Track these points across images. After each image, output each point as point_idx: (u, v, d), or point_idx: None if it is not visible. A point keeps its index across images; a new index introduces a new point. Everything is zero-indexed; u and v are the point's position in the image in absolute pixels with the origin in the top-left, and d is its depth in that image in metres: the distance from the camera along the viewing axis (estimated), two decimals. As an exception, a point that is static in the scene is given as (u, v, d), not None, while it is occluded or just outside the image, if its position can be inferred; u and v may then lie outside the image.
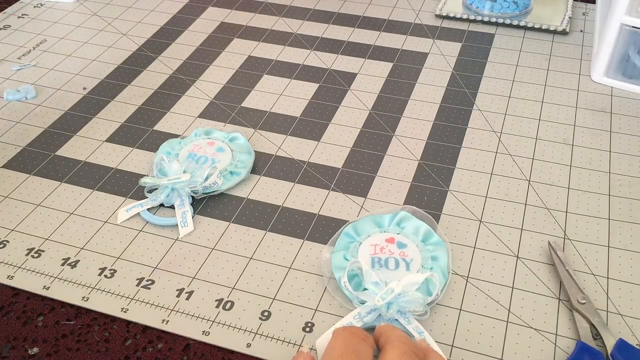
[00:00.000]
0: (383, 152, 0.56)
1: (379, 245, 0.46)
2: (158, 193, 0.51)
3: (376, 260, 0.45)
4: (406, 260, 0.45)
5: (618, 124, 0.58)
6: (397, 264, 0.44)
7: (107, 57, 0.70)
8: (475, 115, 0.60)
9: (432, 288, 0.43)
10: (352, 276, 0.44)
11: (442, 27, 0.73)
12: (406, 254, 0.45)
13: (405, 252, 0.45)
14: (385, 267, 0.44)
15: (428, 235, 0.46)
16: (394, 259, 0.45)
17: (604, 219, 0.49)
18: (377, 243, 0.46)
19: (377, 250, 0.45)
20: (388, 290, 0.41)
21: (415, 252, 0.45)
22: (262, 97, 0.63)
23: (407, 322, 0.41)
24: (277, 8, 0.78)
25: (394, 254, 0.45)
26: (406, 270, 0.44)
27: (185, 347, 0.42)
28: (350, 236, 0.47)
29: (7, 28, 0.76)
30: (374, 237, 0.46)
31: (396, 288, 0.40)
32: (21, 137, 0.59)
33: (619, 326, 0.42)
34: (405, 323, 0.41)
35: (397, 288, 0.40)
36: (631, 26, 0.59)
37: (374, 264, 0.45)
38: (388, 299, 0.40)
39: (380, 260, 0.45)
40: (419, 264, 0.44)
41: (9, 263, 0.47)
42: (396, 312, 0.41)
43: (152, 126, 0.60)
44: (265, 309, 0.43)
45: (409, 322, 0.41)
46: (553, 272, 0.45)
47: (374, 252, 0.45)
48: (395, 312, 0.41)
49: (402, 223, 0.47)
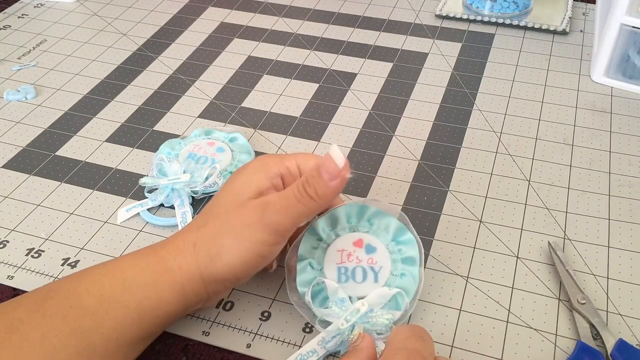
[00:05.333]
0: (383, 152, 0.56)
1: (346, 251, 0.42)
2: (158, 193, 0.51)
3: (342, 272, 0.41)
4: (374, 269, 0.41)
5: (618, 124, 0.58)
6: (364, 274, 0.41)
7: (107, 57, 0.70)
8: (475, 115, 0.60)
9: (402, 301, 0.40)
10: (318, 291, 0.41)
11: (442, 27, 0.73)
12: (374, 260, 0.42)
13: (373, 259, 0.42)
14: (352, 279, 0.41)
15: (399, 233, 0.43)
16: (361, 269, 0.42)
17: (604, 219, 0.49)
18: (344, 248, 0.42)
19: (344, 258, 0.42)
20: (353, 311, 0.38)
21: (384, 257, 0.42)
22: (262, 97, 0.63)
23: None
24: (277, 8, 0.78)
25: (362, 262, 0.42)
26: (374, 282, 0.41)
27: (184, 348, 0.42)
28: (315, 233, 0.43)
29: (7, 28, 0.76)
30: (341, 239, 0.43)
31: (362, 308, 0.38)
32: (21, 137, 0.59)
33: (619, 326, 0.42)
34: None
35: (363, 308, 0.38)
36: (631, 26, 0.59)
37: (340, 276, 0.41)
38: (353, 320, 0.38)
39: (347, 272, 0.41)
40: (388, 271, 0.41)
41: (9, 263, 0.47)
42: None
43: (152, 126, 0.60)
44: (265, 309, 0.43)
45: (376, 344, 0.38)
46: (553, 272, 0.45)
47: (340, 261, 0.42)
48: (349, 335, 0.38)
49: (372, 219, 0.43)
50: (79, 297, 0.36)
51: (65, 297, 0.36)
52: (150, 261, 0.39)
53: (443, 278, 0.45)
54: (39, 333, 0.34)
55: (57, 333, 0.34)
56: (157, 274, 0.38)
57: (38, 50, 0.71)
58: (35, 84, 0.66)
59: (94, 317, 0.35)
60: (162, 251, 0.39)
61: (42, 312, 0.35)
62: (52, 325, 0.35)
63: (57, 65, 0.69)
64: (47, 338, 0.34)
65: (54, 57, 0.70)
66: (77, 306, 0.36)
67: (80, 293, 0.36)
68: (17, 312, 0.35)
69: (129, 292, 0.37)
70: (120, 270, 0.38)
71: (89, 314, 0.35)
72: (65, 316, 0.35)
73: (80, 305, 0.36)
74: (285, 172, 0.41)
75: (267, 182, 0.40)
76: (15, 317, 0.35)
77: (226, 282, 0.39)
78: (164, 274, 0.38)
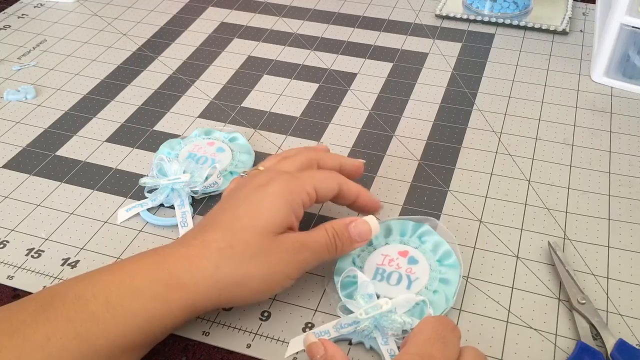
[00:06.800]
0: (383, 152, 0.56)
1: (389, 257, 0.44)
2: (158, 193, 0.51)
3: (379, 272, 0.43)
4: (410, 277, 0.43)
5: (618, 124, 0.58)
6: (399, 279, 0.43)
7: (107, 57, 0.70)
8: (475, 115, 0.60)
9: (426, 310, 0.41)
10: (350, 283, 0.43)
11: (442, 27, 0.73)
12: (413, 271, 0.43)
13: (413, 269, 0.43)
14: (387, 280, 0.43)
15: (446, 256, 0.44)
16: (397, 274, 0.43)
17: (604, 219, 0.49)
18: (388, 254, 0.44)
19: (385, 262, 0.44)
20: (376, 305, 0.39)
21: (424, 271, 0.43)
22: (262, 97, 0.63)
23: (384, 342, 0.39)
24: (277, 8, 0.78)
25: (401, 268, 0.43)
26: (406, 289, 0.42)
27: (184, 348, 0.42)
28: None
29: (7, 28, 0.76)
30: (389, 247, 0.45)
31: (385, 305, 0.39)
32: (21, 137, 0.59)
33: (619, 326, 0.42)
34: (382, 343, 0.39)
35: (386, 305, 0.39)
36: (631, 26, 0.59)
37: (376, 275, 0.43)
38: (372, 314, 0.39)
39: (384, 273, 0.43)
40: (423, 284, 0.42)
41: (9, 263, 0.47)
42: (375, 329, 0.39)
43: (152, 126, 0.60)
44: (265, 309, 0.43)
45: (386, 342, 0.39)
46: (553, 272, 0.45)
47: (381, 263, 0.44)
48: (373, 328, 0.39)
49: (424, 237, 0.45)
50: (85, 302, 0.36)
51: (71, 302, 0.36)
52: (160, 274, 0.38)
53: (443, 278, 0.45)
54: (42, 335, 0.34)
55: (61, 336, 0.34)
56: (167, 288, 0.37)
57: (38, 50, 0.71)
58: (35, 84, 0.66)
59: (100, 322, 0.35)
60: (174, 263, 0.38)
61: (46, 315, 0.35)
62: (57, 328, 0.34)
63: (57, 65, 0.69)
64: (50, 340, 0.34)
65: (54, 57, 0.70)
66: (83, 310, 0.35)
67: (86, 298, 0.36)
68: (22, 315, 0.35)
69: (136, 300, 0.37)
70: (129, 277, 0.38)
71: (95, 319, 0.35)
72: (70, 320, 0.35)
73: (86, 309, 0.36)
74: (305, 199, 0.41)
75: (292, 216, 0.41)
76: (20, 319, 0.35)
77: (244, 303, 0.41)
78: (175, 289, 0.37)
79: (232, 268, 0.38)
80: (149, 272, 0.38)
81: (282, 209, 0.40)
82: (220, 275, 0.38)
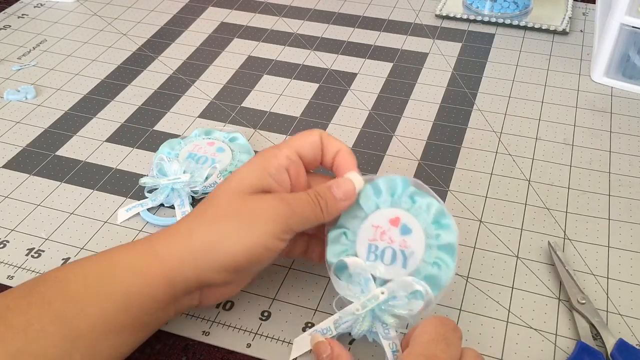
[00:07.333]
0: (383, 152, 0.56)
1: (381, 228, 0.40)
2: (158, 193, 0.51)
3: (372, 250, 0.40)
4: (405, 253, 0.39)
5: (618, 124, 0.58)
6: (394, 257, 0.39)
7: (107, 57, 0.70)
8: (475, 115, 0.60)
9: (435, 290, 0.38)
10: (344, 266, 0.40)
11: (442, 27, 0.73)
12: (408, 244, 0.40)
13: (407, 241, 0.40)
14: (381, 259, 0.40)
15: (440, 216, 0.40)
16: (391, 250, 0.40)
17: (604, 219, 0.49)
18: (380, 224, 0.40)
19: (377, 236, 0.40)
20: (372, 297, 0.38)
21: (419, 241, 0.40)
22: (262, 97, 0.63)
23: (385, 334, 0.38)
24: (277, 8, 0.78)
25: (394, 242, 0.40)
26: (402, 268, 0.39)
27: (184, 348, 0.42)
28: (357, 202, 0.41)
29: (7, 28, 0.76)
30: (379, 213, 0.41)
31: (381, 296, 0.37)
32: (21, 137, 0.59)
33: (619, 326, 0.42)
34: (383, 336, 0.38)
35: (382, 296, 0.37)
36: (631, 26, 0.59)
37: (369, 254, 0.40)
38: (370, 306, 0.38)
39: (377, 250, 0.40)
40: (419, 258, 0.39)
41: (9, 263, 0.47)
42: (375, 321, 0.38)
43: (152, 126, 0.60)
44: (265, 309, 0.43)
45: (387, 334, 0.38)
46: (553, 272, 0.45)
47: (372, 237, 0.40)
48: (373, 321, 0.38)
49: (415, 196, 0.41)
50: (66, 284, 0.36)
51: (52, 284, 0.36)
52: (139, 247, 0.38)
53: (443, 278, 0.45)
54: (23, 319, 0.34)
55: (41, 319, 0.34)
56: (144, 259, 0.38)
57: (38, 50, 0.71)
58: (35, 84, 0.66)
59: (79, 303, 0.35)
60: (153, 238, 0.39)
61: (28, 300, 0.35)
62: (37, 312, 0.35)
63: (57, 65, 0.69)
64: (31, 324, 0.34)
65: (54, 57, 0.70)
66: (63, 292, 0.36)
67: (67, 280, 0.36)
68: (6, 300, 0.35)
69: (115, 277, 0.37)
70: (109, 257, 0.38)
71: (74, 300, 0.35)
72: (51, 302, 0.35)
73: (66, 291, 0.36)
74: (286, 162, 0.40)
75: (270, 181, 0.40)
76: (4, 304, 0.35)
77: (223, 271, 0.38)
78: (151, 258, 0.38)
79: (204, 231, 0.38)
80: (130, 249, 0.39)
81: (254, 170, 0.40)
82: (194, 240, 0.38)
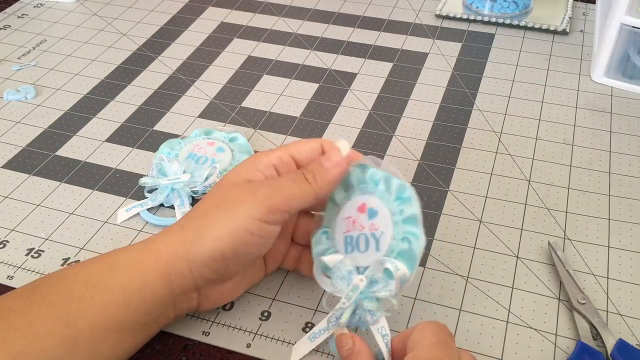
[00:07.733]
0: (383, 152, 0.56)
1: (351, 218, 0.41)
2: (158, 193, 0.51)
3: (348, 241, 0.40)
4: (376, 235, 0.40)
5: (618, 124, 0.58)
6: (367, 243, 0.40)
7: (107, 57, 0.70)
8: (475, 115, 0.60)
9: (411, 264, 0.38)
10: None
11: (442, 27, 0.73)
12: (376, 225, 0.40)
13: (375, 224, 0.40)
14: (357, 248, 0.40)
15: (400, 190, 0.40)
16: (364, 237, 0.40)
17: (604, 219, 0.49)
18: (350, 215, 0.41)
19: (350, 226, 0.41)
20: (353, 287, 0.38)
21: (386, 220, 0.40)
22: (262, 97, 0.63)
23: (373, 320, 0.39)
24: (277, 8, 0.78)
25: (365, 228, 0.40)
26: (376, 251, 0.39)
27: (184, 348, 0.42)
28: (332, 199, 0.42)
29: (7, 28, 0.76)
30: (349, 204, 0.41)
31: (360, 283, 0.38)
32: (21, 137, 0.59)
33: (619, 326, 0.42)
34: (371, 322, 0.39)
35: (362, 283, 0.38)
36: (631, 26, 0.59)
37: (346, 246, 0.40)
38: (354, 297, 0.38)
39: (352, 240, 0.40)
40: (389, 236, 0.39)
41: (9, 263, 0.47)
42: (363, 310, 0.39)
43: (152, 126, 0.60)
44: (265, 309, 0.43)
45: (376, 320, 0.38)
46: (553, 272, 0.45)
47: (346, 230, 0.41)
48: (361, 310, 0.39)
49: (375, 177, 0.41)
50: (67, 284, 0.37)
51: (54, 285, 0.37)
52: (139, 246, 0.40)
53: (443, 278, 0.45)
54: (25, 320, 0.34)
55: (43, 320, 0.35)
56: (142, 256, 0.39)
57: (38, 50, 0.71)
58: (35, 84, 0.66)
59: (80, 302, 0.36)
60: (153, 237, 0.40)
61: (30, 301, 0.35)
62: (39, 312, 0.35)
63: (57, 65, 0.69)
64: (32, 325, 0.34)
65: (54, 57, 0.70)
66: (64, 293, 0.36)
67: (68, 280, 0.37)
68: (9, 301, 0.36)
69: (114, 275, 0.37)
70: (110, 257, 0.39)
71: (75, 299, 0.36)
72: (52, 303, 0.35)
73: (67, 291, 0.36)
74: (277, 161, 0.41)
75: (257, 172, 0.40)
76: (6, 306, 0.35)
77: (213, 262, 0.38)
78: (148, 254, 0.38)
79: (194, 223, 0.39)
80: (128, 248, 0.40)
81: (245, 165, 0.41)
82: (186, 232, 0.39)
